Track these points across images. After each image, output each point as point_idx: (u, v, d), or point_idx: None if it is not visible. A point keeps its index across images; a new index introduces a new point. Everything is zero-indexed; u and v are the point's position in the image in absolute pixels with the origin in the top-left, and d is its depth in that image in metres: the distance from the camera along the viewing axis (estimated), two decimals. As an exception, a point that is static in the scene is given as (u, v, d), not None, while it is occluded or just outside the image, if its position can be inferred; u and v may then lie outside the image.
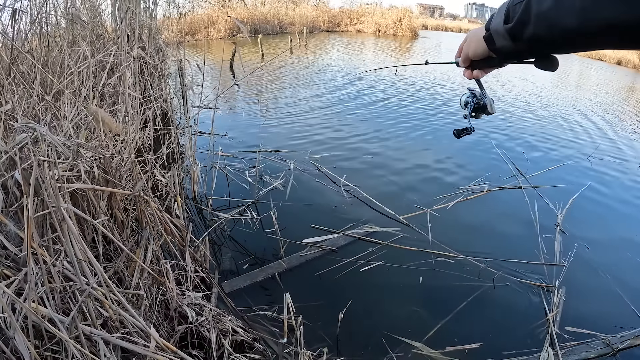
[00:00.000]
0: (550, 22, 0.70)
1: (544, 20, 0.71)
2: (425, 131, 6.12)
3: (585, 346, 2.35)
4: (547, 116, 7.58)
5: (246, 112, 6.68)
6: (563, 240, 3.33)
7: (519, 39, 0.79)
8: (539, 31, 0.73)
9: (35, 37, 3.11)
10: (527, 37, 0.76)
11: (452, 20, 51.23)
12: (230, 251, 3.02)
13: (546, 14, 0.70)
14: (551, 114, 7.77)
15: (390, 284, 2.81)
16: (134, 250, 2.11)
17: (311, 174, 4.32)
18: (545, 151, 5.55)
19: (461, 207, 3.83)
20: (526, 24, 0.75)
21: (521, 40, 0.79)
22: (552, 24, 0.70)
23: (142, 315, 1.85)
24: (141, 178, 2.32)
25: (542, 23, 0.72)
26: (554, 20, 0.69)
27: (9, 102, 2.05)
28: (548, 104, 8.70)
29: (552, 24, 0.70)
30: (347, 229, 3.32)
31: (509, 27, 0.79)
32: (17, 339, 1.35)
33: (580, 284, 2.89)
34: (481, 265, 2.97)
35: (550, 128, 6.81)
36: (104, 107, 2.95)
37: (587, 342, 2.38)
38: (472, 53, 0.97)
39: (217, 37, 17.95)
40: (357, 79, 9.77)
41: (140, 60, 4.23)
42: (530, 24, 0.74)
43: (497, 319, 2.55)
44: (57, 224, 1.49)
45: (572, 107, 8.53)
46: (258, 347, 2.13)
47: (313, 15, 25.11)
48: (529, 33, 0.75)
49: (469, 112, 1.22)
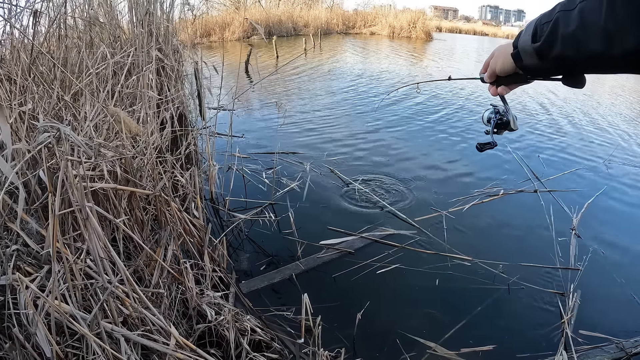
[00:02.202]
0: (576, 45, 0.71)
1: (571, 42, 0.72)
2: (441, 134, 6.10)
3: (599, 350, 2.32)
4: (562, 120, 7.47)
5: (262, 114, 6.71)
6: (578, 244, 3.28)
7: (546, 58, 0.80)
8: (566, 52, 0.74)
9: (54, 38, 3.14)
10: (554, 56, 0.77)
11: (466, 22, 50.97)
12: (248, 252, 3.04)
13: (573, 35, 0.71)
14: (566, 117, 7.66)
15: (407, 287, 2.80)
16: (154, 249, 2.13)
17: (327, 176, 4.32)
18: (560, 155, 5.48)
19: (477, 209, 3.80)
20: (553, 44, 0.75)
21: (548, 59, 0.80)
22: (578, 46, 0.71)
23: (162, 313, 1.86)
24: (162, 178, 2.33)
25: (568, 44, 0.72)
26: (580, 44, 0.70)
27: (30, 102, 2.07)
28: (563, 107, 8.59)
29: (579, 47, 0.70)
30: (363, 231, 3.31)
31: (536, 46, 0.80)
32: (39, 335, 1.36)
33: (595, 288, 2.85)
34: (496, 269, 2.94)
35: (565, 131, 6.72)
36: (122, 108, 2.97)
37: (601, 346, 2.34)
38: (500, 69, 0.98)
39: (232, 39, 18.03)
40: (368, 81, 9.76)
41: (158, 62, 4.26)
42: (557, 45, 0.75)
43: (512, 322, 2.53)
44: (80, 222, 1.50)
45: (587, 111, 8.40)
46: (276, 347, 2.14)
47: (327, 18, 25.10)
48: (555, 53, 0.76)
49: (492, 127, 1.22)
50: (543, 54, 0.79)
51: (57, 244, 1.43)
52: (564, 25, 0.71)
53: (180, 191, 3.01)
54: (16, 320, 1.40)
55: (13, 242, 1.58)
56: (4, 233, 1.62)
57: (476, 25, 44.79)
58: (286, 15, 22.43)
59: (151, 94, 2.98)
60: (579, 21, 0.68)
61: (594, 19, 0.65)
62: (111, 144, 2.15)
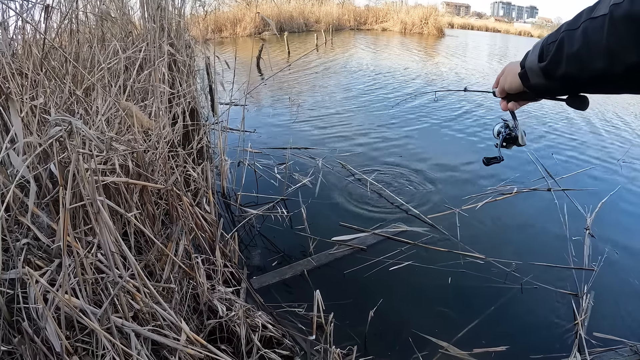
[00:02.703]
0: (580, 64, 0.72)
1: (575, 60, 0.73)
2: (455, 133, 6.02)
3: (613, 353, 2.28)
4: (577, 118, 7.35)
5: (273, 110, 6.70)
6: (592, 244, 3.21)
7: (553, 77, 0.81)
8: (570, 71, 0.75)
9: (66, 33, 3.14)
10: (559, 75, 0.79)
11: (479, 18, 50.51)
12: (259, 247, 3.02)
13: (577, 54, 0.72)
14: (581, 116, 7.54)
15: (419, 284, 2.77)
16: (165, 244, 2.11)
17: (340, 172, 4.29)
18: (574, 154, 5.38)
19: (490, 207, 3.75)
20: (559, 63, 0.77)
21: (554, 79, 0.81)
22: (582, 65, 0.72)
23: (173, 308, 1.85)
24: (174, 172, 2.32)
25: (573, 63, 0.74)
26: (584, 62, 0.71)
27: (41, 96, 2.06)
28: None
29: (582, 65, 0.72)
30: (375, 227, 3.28)
31: (542, 65, 0.82)
32: (49, 330, 1.35)
33: (610, 290, 2.80)
34: (510, 268, 2.90)
35: (578, 130, 6.62)
36: (134, 103, 2.96)
37: (615, 348, 2.30)
38: (508, 87, 1.01)
39: (243, 35, 18.05)
40: (382, 78, 9.70)
41: (170, 57, 4.25)
42: (562, 64, 0.76)
43: (525, 323, 2.50)
44: (91, 216, 1.49)
45: (603, 110, 8.26)
46: (287, 344, 2.12)
47: (338, 13, 25.00)
48: (561, 72, 0.78)
49: (500, 142, 1.28)
50: (549, 74, 0.81)
51: (67, 238, 1.41)
52: (568, 45, 0.73)
53: (191, 186, 3.00)
54: (26, 314, 1.39)
55: (23, 236, 1.58)
56: (14, 227, 1.61)
57: (488, 21, 44.32)
58: (297, 11, 22.35)
59: (164, 87, 2.97)
60: (582, 40, 0.70)
61: (596, 38, 0.67)
62: (123, 138, 2.13)
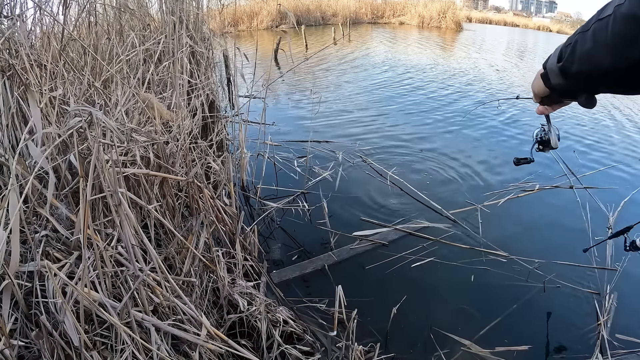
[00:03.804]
0: (590, 61, 0.77)
1: (586, 59, 0.78)
2: (476, 128, 5.91)
3: (635, 356, 2.22)
4: (600, 114, 7.18)
5: (293, 103, 6.65)
6: (615, 244, 3.10)
7: (569, 76, 0.86)
8: (583, 68, 0.80)
9: (84, 26, 3.13)
10: (574, 73, 0.83)
11: (497, 12, 49.70)
12: (279, 241, 2.99)
13: (588, 53, 0.77)
14: (604, 111, 7.38)
15: (441, 281, 2.73)
16: (185, 236, 2.08)
17: (360, 166, 4.24)
18: (596, 151, 5.24)
19: (512, 204, 3.69)
20: (573, 62, 0.82)
21: (570, 77, 0.86)
22: (592, 62, 0.77)
23: (193, 302, 1.81)
24: (195, 165, 2.29)
25: (584, 61, 0.79)
26: (593, 59, 0.76)
27: (60, 87, 2.04)
28: (600, 101, 8.26)
29: (592, 62, 0.77)
30: (397, 223, 3.23)
31: (560, 65, 0.86)
32: (67, 323, 1.32)
33: (633, 291, 2.73)
34: (532, 266, 2.85)
35: (601, 128, 6.46)
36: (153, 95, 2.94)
37: (637, 351, 2.24)
38: (536, 90, 1.03)
39: (260, 28, 18.02)
40: (405, 76, 9.60)
41: (188, 49, 4.23)
42: (575, 63, 0.81)
43: (547, 322, 2.46)
44: (112, 208, 1.45)
45: (626, 106, 8.05)
46: (307, 339, 2.08)
47: (356, 7, 24.82)
48: (575, 70, 0.82)
49: (533, 144, 1.37)
50: (566, 72, 0.85)
51: (87, 230, 1.38)
52: (581, 45, 0.78)
53: (211, 178, 2.98)
54: (44, 307, 1.37)
55: (42, 228, 1.55)
56: (33, 218, 1.58)
57: (507, 15, 43.51)
58: (315, 4, 22.28)
59: (184, 78, 2.94)
60: (592, 39, 0.75)
61: (603, 36, 0.72)
62: (143, 129, 2.10)
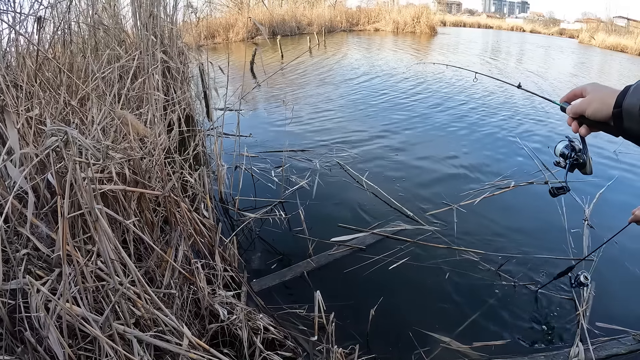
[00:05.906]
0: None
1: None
2: (450, 128, 6.04)
3: (615, 342, 2.30)
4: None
5: (269, 114, 6.69)
6: (591, 235, 3.24)
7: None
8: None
9: (59, 44, 3.14)
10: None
11: (471, 15, 50.48)
12: (259, 250, 3.03)
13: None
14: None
15: (419, 281, 2.78)
16: (164, 250, 2.12)
17: (337, 173, 4.30)
18: (569, 146, 5.38)
19: (488, 202, 3.77)
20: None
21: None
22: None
23: (174, 314, 1.85)
24: (171, 179, 2.33)
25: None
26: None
27: (37, 107, 2.07)
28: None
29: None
30: (374, 227, 3.29)
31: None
32: (51, 338, 1.36)
33: (610, 279, 2.82)
34: (509, 261, 2.92)
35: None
36: (129, 111, 2.98)
37: (617, 338, 2.33)
38: (591, 113, 0.90)
39: (236, 40, 18.03)
40: (375, 77, 9.72)
41: (164, 64, 4.26)
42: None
43: (526, 315, 2.51)
44: (90, 224, 1.49)
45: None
46: (289, 345, 2.13)
47: (331, 15, 25.00)
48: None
49: (567, 168, 1.17)
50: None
51: (67, 247, 1.42)
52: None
53: (189, 192, 3.01)
54: (28, 323, 1.40)
55: (23, 247, 1.58)
56: (14, 237, 1.62)
57: (480, 18, 44.22)
58: (289, 14, 22.37)
59: (158, 94, 2.98)
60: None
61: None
62: (119, 146, 2.14)
